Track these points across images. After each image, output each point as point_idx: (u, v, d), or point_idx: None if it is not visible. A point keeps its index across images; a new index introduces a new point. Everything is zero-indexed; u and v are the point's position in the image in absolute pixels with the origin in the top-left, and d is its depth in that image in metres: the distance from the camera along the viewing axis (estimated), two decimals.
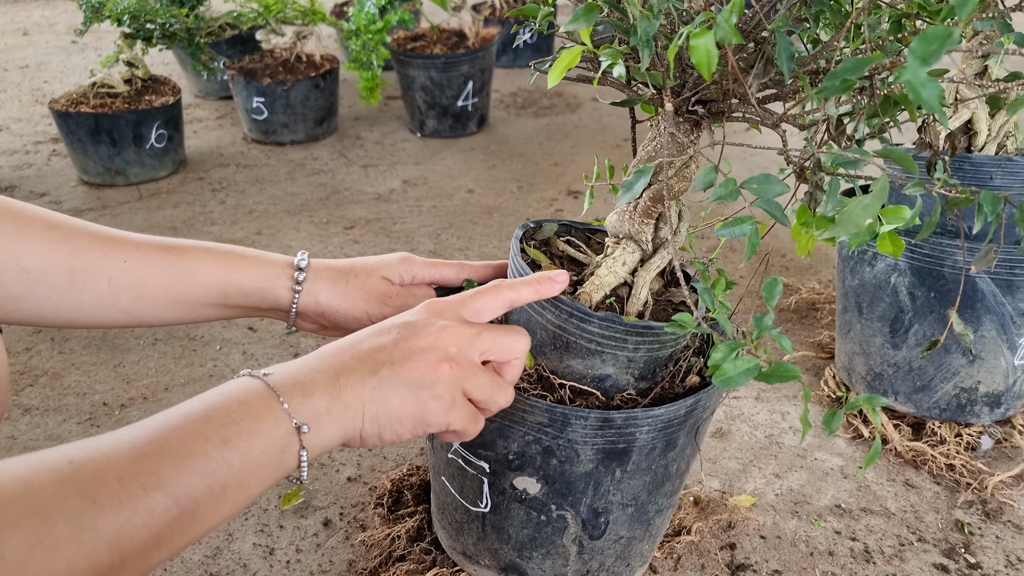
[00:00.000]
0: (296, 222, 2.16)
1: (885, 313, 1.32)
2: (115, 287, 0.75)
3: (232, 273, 0.78)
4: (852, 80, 0.60)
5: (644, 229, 0.83)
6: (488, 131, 2.83)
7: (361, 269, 0.83)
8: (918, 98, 0.54)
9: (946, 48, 0.51)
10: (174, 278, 0.76)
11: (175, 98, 2.42)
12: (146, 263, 0.76)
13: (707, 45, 0.60)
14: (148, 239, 0.78)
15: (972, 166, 1.22)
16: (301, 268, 0.80)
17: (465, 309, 0.69)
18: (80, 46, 3.73)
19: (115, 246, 0.75)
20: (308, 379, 0.60)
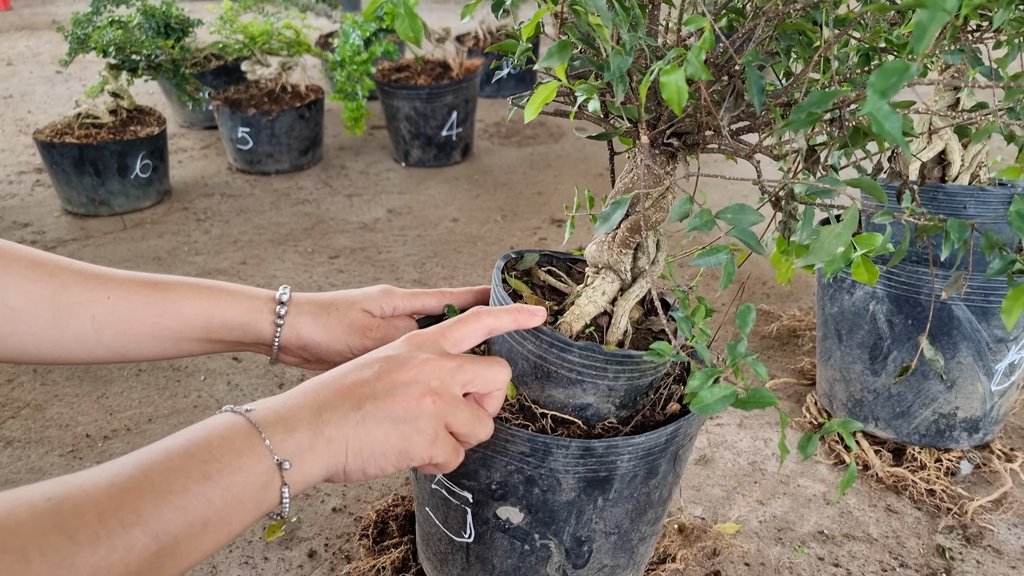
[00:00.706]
0: (281, 252, 2.17)
1: (864, 340, 1.34)
2: (99, 323, 0.75)
3: (215, 308, 0.78)
4: (818, 113, 0.62)
5: (623, 259, 0.84)
6: (472, 160, 2.85)
7: (342, 302, 0.83)
8: (881, 130, 0.56)
9: (904, 82, 0.53)
10: (157, 313, 0.77)
11: (160, 128, 2.43)
12: (129, 299, 0.76)
13: (677, 82, 0.61)
14: (131, 275, 0.78)
15: (946, 195, 1.24)
16: (283, 302, 0.81)
17: (445, 340, 0.69)
18: (64, 76, 3.74)
19: (98, 283, 0.76)
20: (291, 415, 0.60)
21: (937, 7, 0.53)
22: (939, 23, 0.55)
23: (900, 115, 0.57)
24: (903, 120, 0.74)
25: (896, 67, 0.54)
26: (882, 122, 0.56)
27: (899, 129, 0.56)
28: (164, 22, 2.46)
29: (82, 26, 2.38)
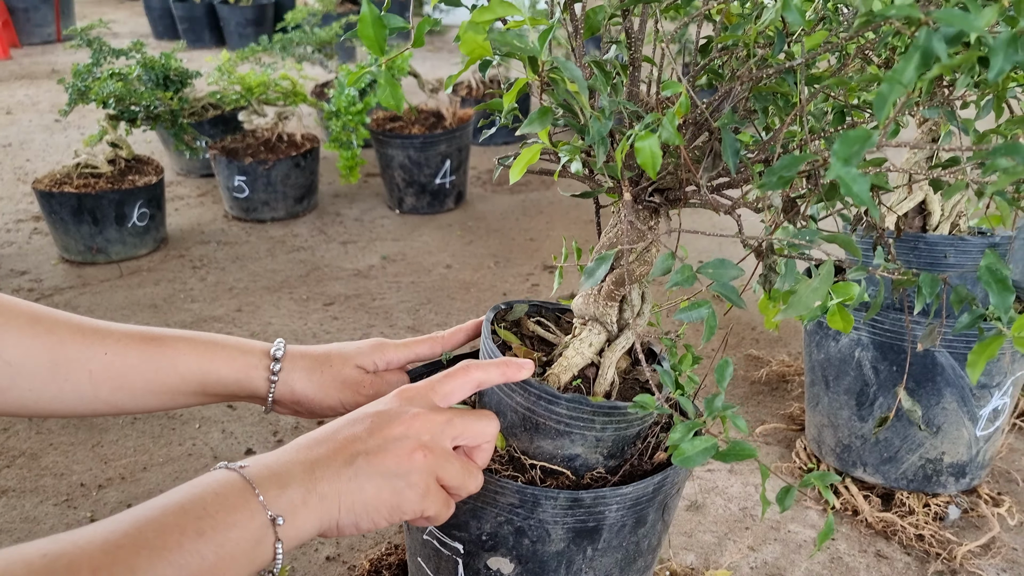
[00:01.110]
0: (276, 299, 2.19)
1: (851, 386, 1.36)
2: (96, 379, 0.77)
3: (210, 364, 0.80)
4: (790, 175, 0.65)
5: (608, 311, 0.87)
6: (465, 207, 2.89)
7: (336, 358, 0.85)
8: (849, 192, 0.59)
9: (866, 149, 0.56)
10: (154, 369, 0.78)
11: (158, 178, 2.46)
12: (126, 355, 0.78)
13: (651, 147, 0.64)
14: (129, 330, 0.80)
15: (927, 245, 1.27)
16: (277, 358, 0.82)
17: (435, 394, 0.71)
18: (63, 125, 3.79)
19: (96, 338, 0.78)
20: (284, 471, 0.61)
21: (895, 80, 0.56)
22: (897, 94, 0.58)
23: (867, 177, 0.60)
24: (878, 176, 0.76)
25: (859, 135, 0.58)
26: (850, 185, 0.59)
27: (867, 191, 0.59)
28: (163, 74, 2.51)
29: (82, 77, 2.43)
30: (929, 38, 0.58)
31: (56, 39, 5.69)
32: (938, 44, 0.58)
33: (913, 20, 0.59)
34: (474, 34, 0.62)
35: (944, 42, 0.58)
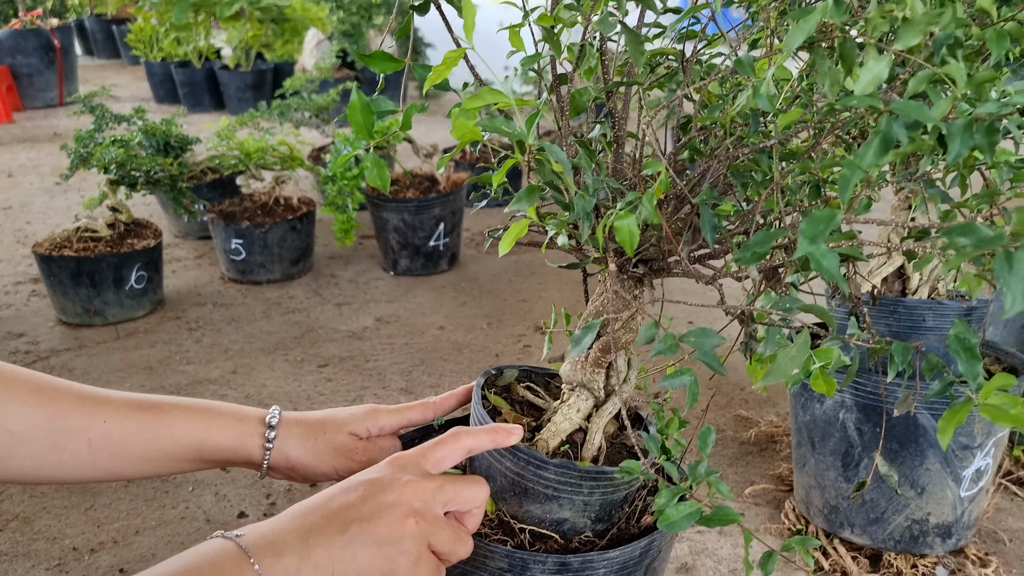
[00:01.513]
0: (271, 361, 2.21)
1: (836, 448, 1.38)
2: (94, 447, 0.79)
3: (207, 432, 0.83)
4: (763, 251, 0.69)
5: (595, 378, 0.90)
6: (459, 269, 2.93)
7: (330, 425, 0.87)
8: (819, 268, 0.63)
9: (831, 228, 0.60)
10: (152, 437, 0.81)
11: (156, 241, 2.51)
12: (124, 423, 0.80)
13: (630, 226, 0.68)
14: (127, 398, 0.82)
15: (906, 309, 1.31)
16: (272, 426, 0.85)
17: (426, 461, 0.74)
18: (63, 187, 3.84)
19: (96, 407, 0.80)
20: (279, 539, 0.63)
21: (855, 165, 0.61)
22: (858, 178, 0.62)
23: (835, 253, 0.64)
24: (852, 248, 0.80)
25: (824, 216, 0.62)
26: (819, 261, 0.63)
27: (835, 266, 0.63)
28: (164, 140, 2.57)
29: (84, 143, 2.48)
30: (889, 125, 0.63)
31: (59, 103, 5.79)
32: (898, 130, 0.63)
33: (874, 109, 0.63)
34: (464, 120, 0.67)
35: (904, 128, 0.63)
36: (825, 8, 0.66)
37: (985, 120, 0.68)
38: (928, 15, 0.63)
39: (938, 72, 0.65)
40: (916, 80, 0.65)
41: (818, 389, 0.88)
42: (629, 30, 0.74)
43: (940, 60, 0.69)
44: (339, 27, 5.10)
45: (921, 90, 0.68)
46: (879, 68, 0.65)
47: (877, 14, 0.66)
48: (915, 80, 0.65)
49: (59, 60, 5.69)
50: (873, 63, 0.65)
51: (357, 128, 0.72)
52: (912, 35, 0.65)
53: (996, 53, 0.75)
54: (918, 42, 0.65)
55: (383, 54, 0.80)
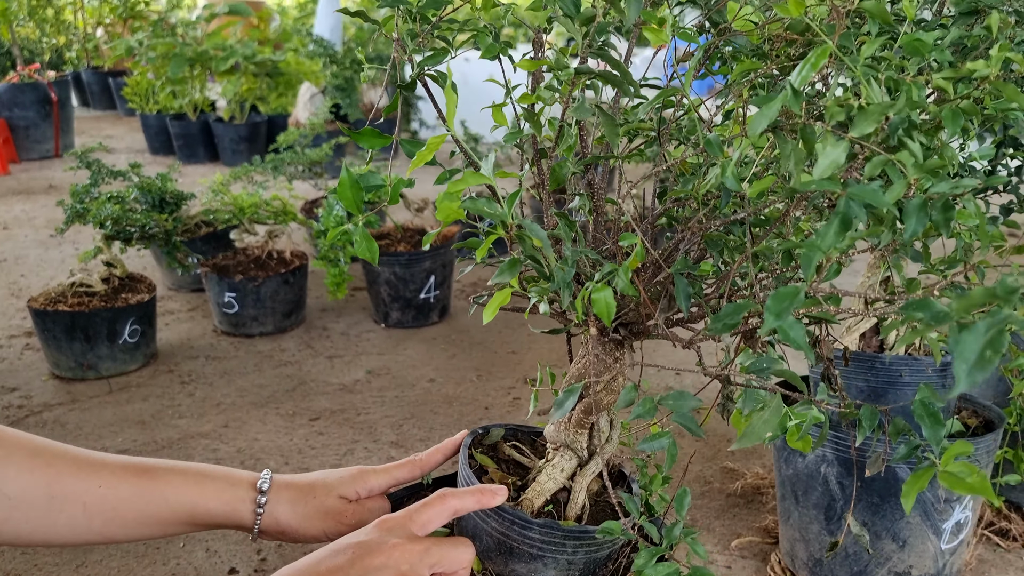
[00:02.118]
0: (263, 414, 2.23)
1: (819, 501, 1.41)
2: (90, 512, 0.82)
3: (200, 496, 0.85)
4: (734, 322, 0.73)
5: (579, 438, 0.93)
6: (449, 321, 2.96)
7: (320, 489, 0.90)
8: (787, 338, 0.67)
9: (795, 305, 0.64)
10: (145, 502, 0.83)
11: (150, 295, 2.54)
12: (120, 488, 0.83)
13: (606, 298, 0.72)
14: (123, 462, 0.85)
15: (883, 365, 1.35)
16: (263, 491, 0.87)
17: (413, 523, 0.77)
18: (58, 240, 3.88)
19: (92, 471, 0.83)
20: None
21: (815, 247, 0.65)
22: (819, 257, 0.66)
23: (802, 325, 0.68)
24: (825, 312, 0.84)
25: (788, 292, 0.66)
26: (787, 332, 0.66)
27: (802, 337, 0.67)
28: (160, 197, 2.62)
29: (80, 198, 2.53)
30: (848, 206, 0.67)
31: (55, 155, 5.85)
32: (857, 210, 0.67)
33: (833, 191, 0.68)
34: (449, 202, 0.71)
35: (863, 208, 0.67)
36: (786, 96, 0.71)
37: (938, 200, 0.72)
38: (882, 105, 0.68)
39: (892, 158, 0.69)
40: (871, 165, 0.69)
41: (795, 447, 0.91)
42: (605, 113, 0.79)
43: (897, 142, 0.74)
44: (332, 81, 5.20)
45: (878, 172, 0.73)
46: (836, 153, 0.69)
47: (834, 103, 0.71)
48: (871, 165, 0.69)
49: (56, 113, 5.76)
50: (831, 149, 0.70)
51: (347, 204, 0.76)
52: (867, 123, 0.69)
53: (951, 130, 0.80)
54: (873, 129, 0.69)
55: (372, 131, 0.84)
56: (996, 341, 0.53)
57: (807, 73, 0.70)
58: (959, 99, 0.85)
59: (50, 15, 7.31)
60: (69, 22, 7.71)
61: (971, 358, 0.53)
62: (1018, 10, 0.99)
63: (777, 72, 0.96)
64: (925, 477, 0.74)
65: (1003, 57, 0.78)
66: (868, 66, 0.74)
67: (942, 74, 0.78)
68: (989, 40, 1.07)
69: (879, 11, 0.80)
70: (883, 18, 0.81)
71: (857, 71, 0.72)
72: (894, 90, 0.75)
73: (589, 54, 0.77)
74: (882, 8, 0.80)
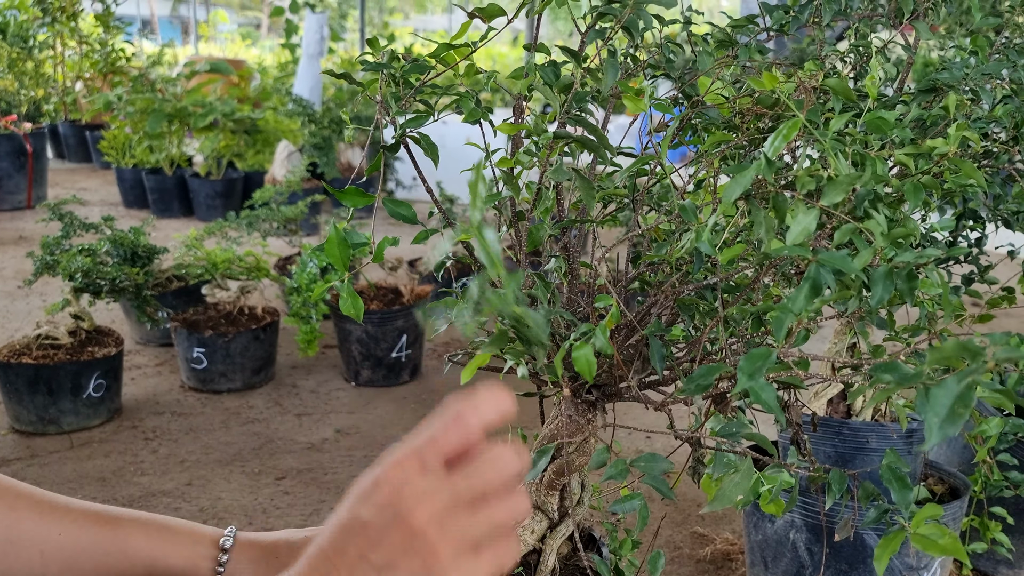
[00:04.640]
0: (228, 472, 2.19)
1: (788, 568, 1.41)
2: (46, 559, 0.80)
3: (159, 550, 0.82)
4: (707, 383, 0.74)
5: (550, 500, 0.93)
6: (421, 380, 2.95)
7: (283, 549, 0.86)
8: (759, 400, 0.68)
9: (767, 367, 0.65)
10: (104, 552, 0.81)
11: (117, 349, 2.50)
12: (79, 537, 0.81)
13: (587, 356, 0.73)
14: (85, 508, 0.83)
15: (850, 431, 1.36)
16: (226, 549, 0.84)
17: None
18: (25, 292, 3.83)
19: (54, 517, 0.81)
20: None
21: (787, 310, 0.66)
22: (791, 321, 0.68)
23: (772, 387, 0.69)
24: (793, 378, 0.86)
25: (760, 354, 0.67)
26: (758, 393, 0.68)
27: (773, 399, 0.68)
28: (132, 250, 2.61)
29: (50, 250, 2.51)
30: (818, 272, 0.69)
31: (27, 205, 5.81)
32: (826, 276, 0.69)
33: (803, 257, 0.70)
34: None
35: (831, 274, 0.69)
36: (759, 166, 0.73)
37: (903, 268, 0.75)
38: (850, 177, 0.71)
39: (860, 226, 0.72)
40: (840, 233, 0.72)
41: (768, 510, 0.92)
42: (582, 177, 0.81)
43: (863, 212, 0.76)
44: (310, 140, 5.24)
45: (846, 240, 0.75)
46: (807, 220, 0.72)
47: (805, 174, 0.73)
48: (840, 233, 0.72)
49: (30, 164, 5.74)
50: (802, 216, 0.72)
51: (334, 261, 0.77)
52: (836, 193, 0.72)
53: (913, 203, 0.83)
54: (841, 199, 0.72)
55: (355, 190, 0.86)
56: (966, 396, 0.55)
57: (779, 143, 0.72)
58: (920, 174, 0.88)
59: (30, 68, 7.33)
60: (48, 75, 7.74)
61: (942, 412, 0.55)
62: (974, 89, 1.04)
63: (747, 143, 0.99)
64: (897, 540, 0.75)
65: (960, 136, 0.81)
66: (836, 139, 0.77)
67: (904, 150, 0.81)
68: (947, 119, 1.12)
69: (842, 88, 0.83)
70: (846, 95, 0.84)
71: (826, 144, 0.74)
72: (860, 163, 0.78)
73: (567, 119, 0.80)
74: (845, 86, 0.83)
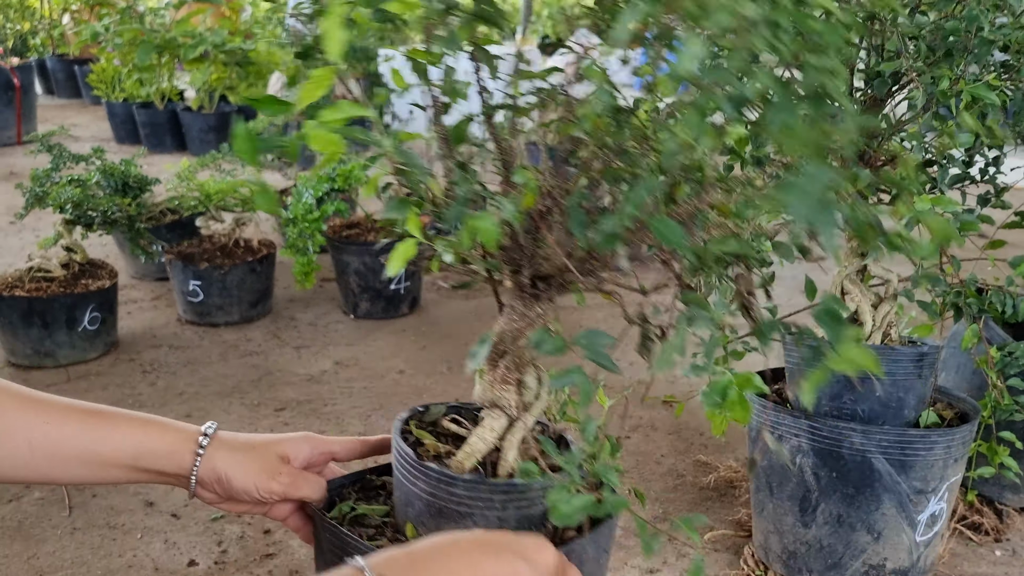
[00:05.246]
0: (227, 404, 2.17)
1: (794, 493, 1.39)
2: (33, 447, 0.80)
3: (145, 436, 0.84)
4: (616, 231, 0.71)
5: (505, 395, 0.90)
6: (420, 312, 2.92)
7: (260, 444, 0.89)
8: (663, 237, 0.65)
9: (651, 190, 0.61)
10: (91, 440, 0.82)
11: (111, 282, 2.47)
12: (65, 426, 0.81)
13: (486, 225, 0.71)
14: (70, 402, 0.84)
15: None
16: (207, 435, 0.86)
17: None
18: (18, 227, 3.78)
19: (39, 408, 0.81)
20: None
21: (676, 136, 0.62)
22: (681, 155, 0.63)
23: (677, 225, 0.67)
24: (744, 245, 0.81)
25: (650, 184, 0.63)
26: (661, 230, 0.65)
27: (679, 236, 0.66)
28: (123, 181, 2.55)
29: (40, 182, 2.45)
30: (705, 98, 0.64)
31: (16, 142, 5.71)
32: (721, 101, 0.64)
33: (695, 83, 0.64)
34: (324, 132, 0.67)
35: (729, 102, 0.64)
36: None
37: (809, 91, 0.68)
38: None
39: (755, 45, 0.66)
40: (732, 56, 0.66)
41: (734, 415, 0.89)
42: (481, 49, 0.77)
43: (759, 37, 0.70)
44: (303, 72, 5.12)
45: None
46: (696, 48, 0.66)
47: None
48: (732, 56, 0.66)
49: (18, 99, 5.63)
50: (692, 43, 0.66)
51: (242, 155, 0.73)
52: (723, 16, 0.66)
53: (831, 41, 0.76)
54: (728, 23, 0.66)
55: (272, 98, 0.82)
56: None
57: None
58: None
59: (15, 1, 7.15)
60: (35, 9, 7.55)
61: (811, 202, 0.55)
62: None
63: None
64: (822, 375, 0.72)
65: None
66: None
67: None
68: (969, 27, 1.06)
69: None
70: None
71: None
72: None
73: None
74: None
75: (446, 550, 0.71)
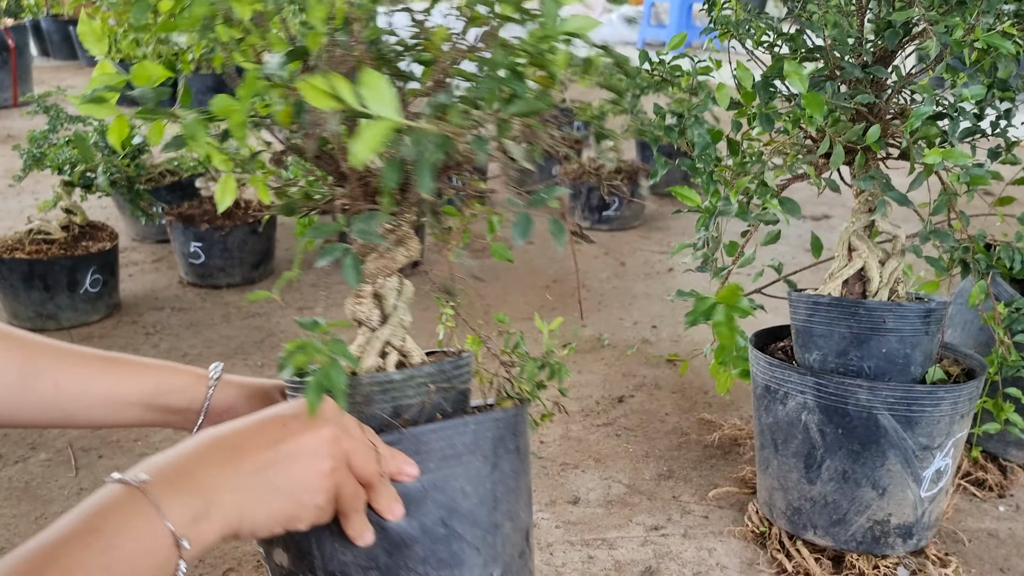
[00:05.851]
0: (230, 366, 2.17)
1: (799, 449, 1.39)
2: (60, 389, 0.86)
3: (161, 374, 0.92)
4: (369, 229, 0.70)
5: (362, 309, 0.92)
6: (421, 273, 2.90)
7: (264, 382, 1.00)
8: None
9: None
10: (114, 380, 0.89)
11: (112, 244, 2.45)
12: (89, 367, 0.88)
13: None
14: (89, 350, 0.91)
15: (866, 311, 1.32)
16: (216, 374, 0.96)
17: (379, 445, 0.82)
18: (16, 190, 3.75)
19: (63, 353, 0.88)
20: (185, 480, 0.67)
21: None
22: None
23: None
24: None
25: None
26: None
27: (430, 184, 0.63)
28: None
29: (38, 144, 2.42)
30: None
31: (12, 104, 5.66)
32: None
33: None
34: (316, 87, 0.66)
35: None
36: None
37: None
38: None
39: None
40: None
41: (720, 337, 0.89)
42: None
43: None
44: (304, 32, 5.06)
45: None
46: None
47: None
48: None
49: (13, 60, 5.56)
50: None
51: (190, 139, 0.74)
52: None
53: None
54: None
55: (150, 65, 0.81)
56: None
57: None
58: None
59: None
60: None
61: None
62: None
63: None
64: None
65: None
66: None
67: None
68: None
69: None
70: None
71: None
72: None
73: None
74: None
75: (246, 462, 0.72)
